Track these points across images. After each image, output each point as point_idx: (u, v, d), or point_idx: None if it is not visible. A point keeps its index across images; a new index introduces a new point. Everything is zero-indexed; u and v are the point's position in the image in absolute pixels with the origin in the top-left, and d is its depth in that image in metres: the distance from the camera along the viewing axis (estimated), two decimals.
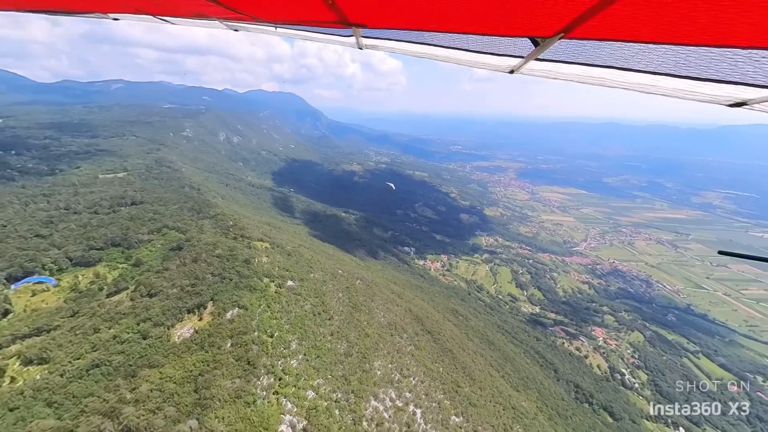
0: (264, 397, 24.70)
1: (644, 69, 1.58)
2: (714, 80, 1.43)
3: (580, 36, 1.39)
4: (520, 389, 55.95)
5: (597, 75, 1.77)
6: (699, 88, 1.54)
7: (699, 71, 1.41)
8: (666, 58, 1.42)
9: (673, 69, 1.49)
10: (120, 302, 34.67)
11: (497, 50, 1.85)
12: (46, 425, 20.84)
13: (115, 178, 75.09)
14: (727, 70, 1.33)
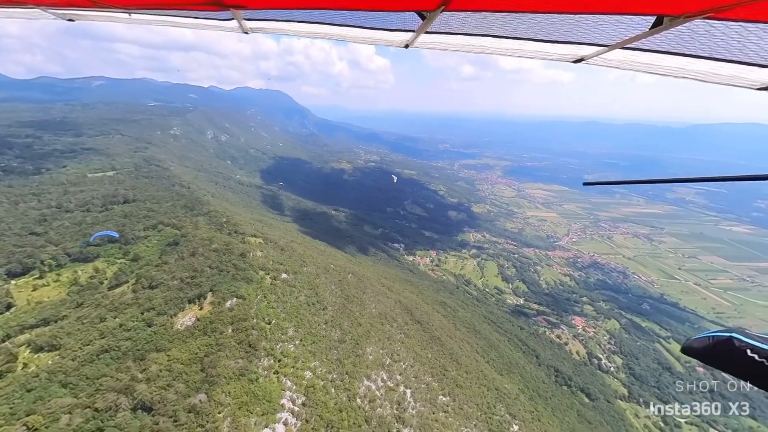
0: (266, 376, 26.81)
1: (512, 35, 1.81)
2: (561, 41, 1.79)
3: (459, 8, 1.53)
4: (503, 373, 59.53)
5: (477, 43, 1.94)
6: (552, 48, 1.86)
7: (550, 35, 1.73)
8: (527, 25, 1.66)
9: (532, 34, 1.77)
10: (123, 294, 35.90)
11: (390, 25, 1.91)
12: (63, 403, 22.35)
13: (105, 176, 74.77)
14: (570, 33, 1.68)
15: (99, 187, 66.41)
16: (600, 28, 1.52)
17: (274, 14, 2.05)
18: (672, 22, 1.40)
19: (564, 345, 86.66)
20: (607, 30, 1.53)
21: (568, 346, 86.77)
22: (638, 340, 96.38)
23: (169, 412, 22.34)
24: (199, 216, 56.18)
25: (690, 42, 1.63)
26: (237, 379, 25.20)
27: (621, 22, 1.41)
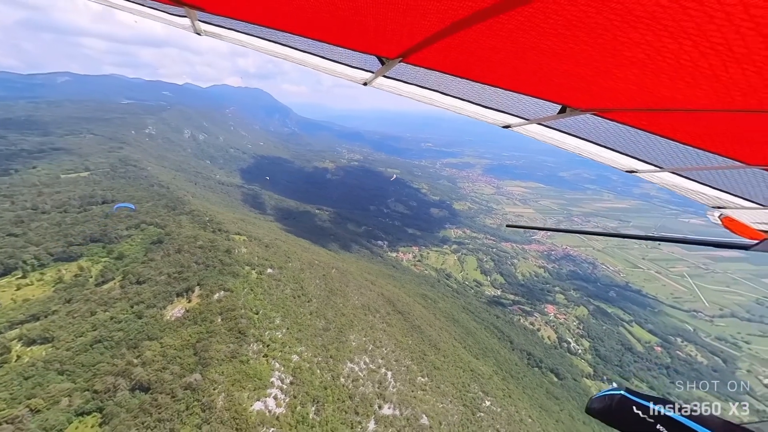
0: (255, 358, 28.86)
1: (456, 95, 2.09)
2: (494, 109, 2.12)
3: (414, 62, 1.71)
4: (479, 357, 63.81)
5: (428, 96, 2.16)
6: (487, 113, 2.18)
7: (486, 102, 2.06)
8: (469, 90, 1.95)
9: (472, 98, 2.09)
10: (111, 289, 36.60)
11: (351, 62, 1.98)
12: (62, 387, 23.52)
13: (79, 177, 72.99)
14: (500, 103, 2.01)
15: (74, 188, 65.11)
16: (524, 105, 1.90)
17: (232, 23, 1.95)
18: (572, 111, 1.81)
19: (537, 331, 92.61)
20: (529, 107, 1.92)
21: (541, 332, 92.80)
22: (604, 324, 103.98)
23: (167, 390, 24.06)
24: (182, 215, 56.69)
25: (584, 129, 2.12)
26: (229, 361, 27.11)
27: (538, 104, 1.84)
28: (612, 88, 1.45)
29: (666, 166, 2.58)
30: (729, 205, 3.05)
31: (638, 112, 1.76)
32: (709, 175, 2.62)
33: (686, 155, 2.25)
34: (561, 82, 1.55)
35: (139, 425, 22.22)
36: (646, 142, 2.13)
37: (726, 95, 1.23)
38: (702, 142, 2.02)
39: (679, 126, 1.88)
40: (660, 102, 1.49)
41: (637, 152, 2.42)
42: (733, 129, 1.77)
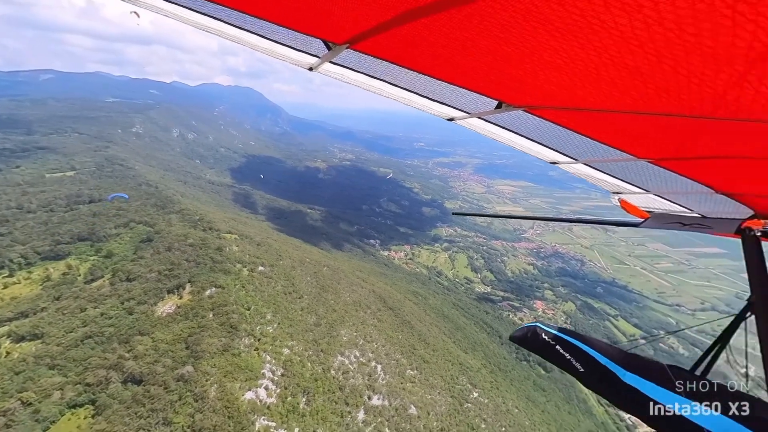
0: (247, 352, 29.41)
1: (404, 86, 2.09)
2: (439, 101, 2.16)
3: (362, 50, 1.67)
4: (468, 351, 65.24)
5: (376, 86, 2.14)
6: (433, 105, 2.23)
7: (433, 95, 2.11)
8: (416, 82, 1.97)
9: (419, 90, 2.11)
10: (101, 287, 36.54)
11: (296, 45, 1.89)
12: (53, 381, 23.70)
13: (64, 177, 71.90)
14: (445, 97, 2.10)
15: (60, 187, 64.21)
16: (466, 99, 2.02)
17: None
18: (507, 107, 1.94)
19: None
20: (470, 102, 2.05)
21: None
22: (591, 318, 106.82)
23: (159, 382, 24.46)
24: (171, 214, 56.56)
25: (517, 124, 2.31)
26: (221, 354, 27.61)
27: (479, 99, 1.95)
28: (539, 87, 1.66)
29: (580, 159, 2.99)
30: (625, 190, 3.67)
31: (559, 111, 2.04)
32: (611, 167, 3.14)
33: (595, 149, 2.67)
34: (497, 79, 1.71)
35: (132, 415, 22.63)
36: (566, 138, 2.46)
37: (620, 99, 1.48)
38: (606, 138, 2.42)
39: (590, 124, 2.20)
40: (576, 102, 1.76)
41: (559, 146, 2.77)
42: (627, 128, 2.14)
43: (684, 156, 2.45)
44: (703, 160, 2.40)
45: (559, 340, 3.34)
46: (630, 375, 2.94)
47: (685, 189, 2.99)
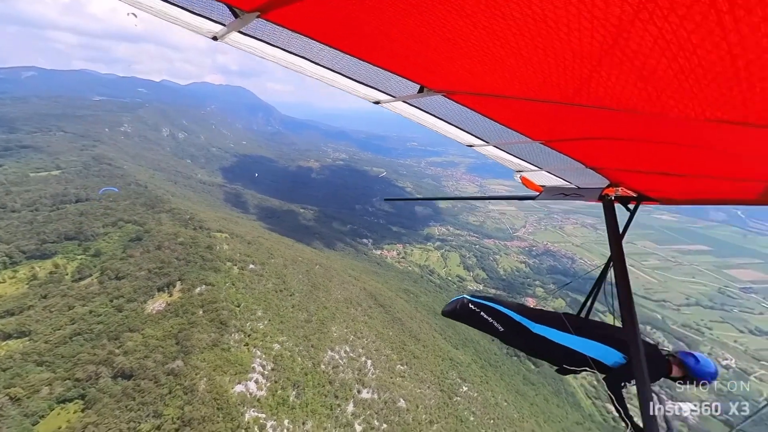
0: (237, 347, 29.72)
1: (326, 65, 1.98)
2: (364, 83, 2.11)
3: (276, 21, 1.48)
4: (459, 347, 66.27)
5: (295, 62, 1.96)
6: (358, 87, 2.16)
7: (357, 76, 2.04)
8: (340, 61, 1.86)
9: (343, 70, 2.00)
10: (89, 285, 36.31)
11: (194, 8, 1.64)
12: (42, 377, 23.68)
13: (50, 176, 70.68)
14: (370, 79, 2.04)
15: (45, 186, 63.20)
16: (391, 83, 2.02)
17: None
18: (428, 92, 1.99)
19: None
20: (395, 85, 2.06)
21: None
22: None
23: (149, 376, 24.64)
24: (161, 213, 56.25)
25: (438, 108, 2.40)
26: (210, 349, 27.87)
27: (403, 82, 1.97)
28: (455, 73, 1.71)
29: (491, 141, 3.21)
30: (525, 169, 4.06)
31: (473, 96, 2.12)
32: (514, 148, 3.48)
33: (502, 132, 2.91)
34: (419, 63, 1.71)
35: (122, 408, 22.81)
36: (479, 122, 2.61)
37: (518, 86, 1.63)
38: (510, 122, 2.56)
39: (497, 109, 2.35)
40: (485, 88, 1.86)
41: (474, 130, 2.94)
42: (525, 113, 2.34)
43: (564, 138, 2.83)
44: (577, 141, 2.79)
45: (483, 306, 3.78)
46: (538, 326, 3.56)
47: (566, 165, 3.45)
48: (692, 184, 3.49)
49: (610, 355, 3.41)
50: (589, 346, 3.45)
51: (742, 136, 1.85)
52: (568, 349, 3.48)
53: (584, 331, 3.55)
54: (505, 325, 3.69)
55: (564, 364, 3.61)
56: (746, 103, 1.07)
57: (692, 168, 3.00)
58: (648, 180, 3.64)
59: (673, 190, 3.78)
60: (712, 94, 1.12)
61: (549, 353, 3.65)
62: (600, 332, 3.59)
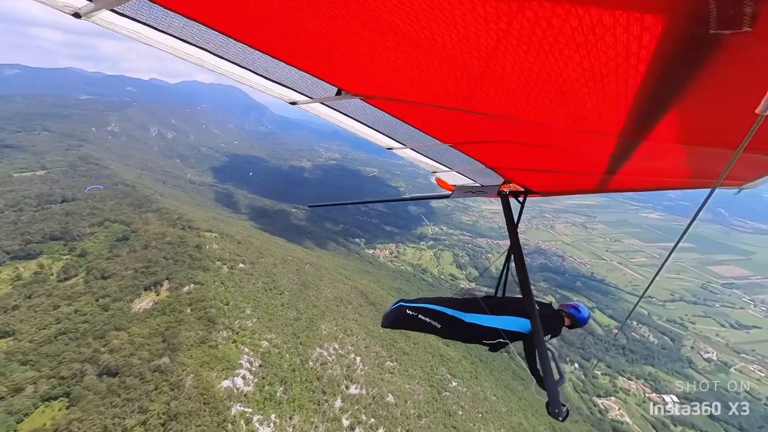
0: (225, 344, 29.92)
1: (234, 60, 1.76)
2: (279, 83, 1.99)
3: (162, 2, 1.24)
4: (449, 344, 67.09)
5: (193, 53, 1.69)
6: (272, 86, 2.03)
7: (271, 75, 1.90)
8: (249, 57, 1.70)
9: (255, 68, 1.82)
10: (75, 284, 35.99)
11: None
12: (26, 376, 23.57)
13: (34, 176, 69.40)
14: (288, 79, 1.94)
15: (30, 186, 62.10)
16: (308, 83, 1.94)
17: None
18: (345, 95, 1.97)
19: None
20: (312, 86, 1.99)
21: None
22: None
23: (135, 373, 24.71)
24: (149, 213, 55.83)
25: (357, 111, 2.43)
26: (198, 346, 28.03)
27: (320, 84, 1.92)
28: (370, 79, 1.77)
29: (408, 144, 3.34)
30: (439, 170, 4.47)
31: (389, 101, 2.20)
32: (429, 150, 3.75)
33: (417, 136, 2.98)
34: (336, 66, 1.72)
35: (107, 404, 22.86)
36: (397, 126, 2.71)
37: (426, 94, 1.76)
38: (423, 126, 2.73)
39: (412, 114, 2.47)
40: (399, 94, 1.96)
41: (392, 133, 3.01)
42: (435, 119, 2.52)
43: (467, 141, 3.14)
44: (477, 144, 3.20)
45: (420, 309, 4.00)
46: (469, 315, 3.93)
47: (471, 166, 3.91)
48: (558, 178, 4.21)
49: (525, 324, 3.88)
50: (510, 321, 3.92)
51: (584, 141, 2.46)
52: (495, 329, 3.89)
53: (503, 309, 4.01)
54: (441, 322, 3.94)
55: (494, 342, 4.01)
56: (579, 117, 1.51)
57: (557, 165, 3.57)
58: (530, 176, 4.23)
59: (547, 183, 4.45)
60: (561, 109, 1.54)
61: (481, 337, 4.00)
62: (514, 307, 4.06)
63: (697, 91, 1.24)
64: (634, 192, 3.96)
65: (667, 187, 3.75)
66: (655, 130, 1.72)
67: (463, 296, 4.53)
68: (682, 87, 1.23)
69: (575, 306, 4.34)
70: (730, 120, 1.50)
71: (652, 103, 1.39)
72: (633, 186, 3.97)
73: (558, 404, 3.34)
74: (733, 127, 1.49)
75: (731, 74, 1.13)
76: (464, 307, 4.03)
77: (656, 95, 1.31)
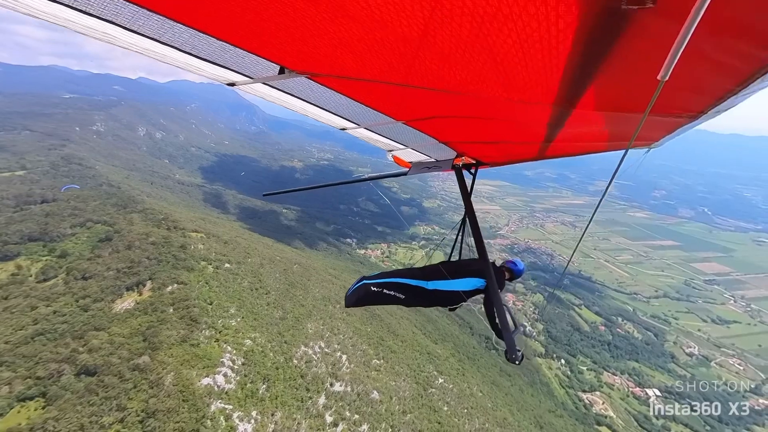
0: (207, 343, 29.95)
1: (158, 39, 1.51)
2: (213, 62, 1.81)
3: None
4: (438, 342, 67.81)
5: (98, 27, 1.39)
6: (205, 66, 1.85)
7: (203, 53, 1.68)
8: (179, 35, 1.48)
9: (182, 46, 1.61)
10: (54, 285, 35.47)
11: None
12: (2, 376, 23.26)
13: (13, 176, 67.82)
14: (221, 58, 1.75)
15: (8, 186, 60.73)
16: (245, 62, 1.79)
17: None
18: (289, 73, 1.85)
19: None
20: (250, 65, 1.84)
21: None
22: (557, 308, 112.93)
23: (114, 372, 24.61)
24: (133, 213, 55.17)
25: (305, 91, 2.30)
26: (179, 345, 28.01)
27: (260, 62, 1.77)
28: (317, 55, 1.68)
29: (362, 124, 3.30)
30: (395, 148, 4.55)
31: (338, 79, 2.11)
32: (383, 129, 3.61)
33: (370, 115, 2.92)
34: (276, 43, 1.60)
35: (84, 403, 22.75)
36: (349, 105, 2.62)
37: (375, 70, 1.76)
38: (376, 105, 2.69)
39: (363, 92, 2.42)
40: (348, 71, 1.90)
41: (344, 113, 2.92)
42: (386, 96, 2.50)
43: (419, 117, 3.17)
44: (428, 120, 3.25)
45: (383, 284, 4.18)
46: (431, 283, 4.21)
47: (425, 142, 4.06)
48: (504, 148, 4.62)
49: (480, 283, 4.28)
50: (468, 282, 4.27)
51: (524, 111, 2.62)
52: (455, 292, 4.23)
53: (461, 272, 4.33)
54: (405, 293, 4.15)
55: (455, 304, 4.41)
56: (517, 88, 1.65)
57: (502, 136, 3.87)
58: (480, 148, 4.56)
59: (496, 154, 4.76)
60: (499, 80, 1.65)
61: (443, 300, 4.31)
62: (471, 268, 4.40)
63: (615, 61, 1.39)
64: (567, 157, 4.27)
65: (593, 151, 3.96)
66: (583, 98, 1.90)
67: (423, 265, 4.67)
68: (603, 58, 1.38)
69: (513, 261, 4.83)
70: (639, 87, 1.68)
71: (579, 74, 1.55)
72: (567, 151, 4.14)
73: (514, 350, 3.73)
74: (641, 93, 1.67)
75: (640, 45, 1.27)
76: (425, 276, 4.28)
77: (582, 66, 1.47)
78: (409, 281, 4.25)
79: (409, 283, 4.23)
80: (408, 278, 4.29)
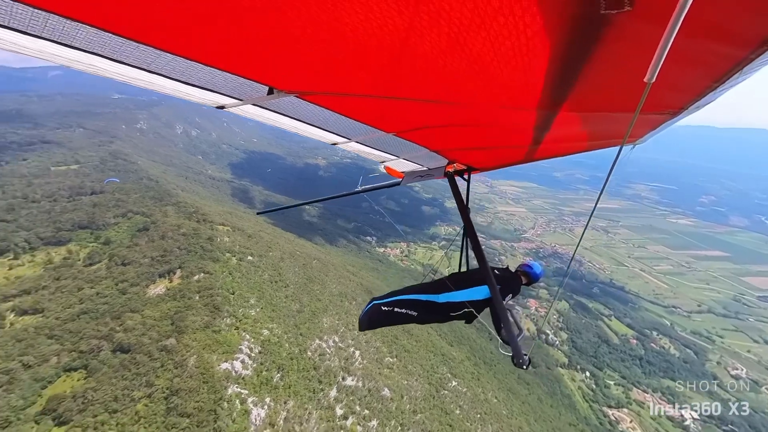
0: (227, 330, 31.85)
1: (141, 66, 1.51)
2: (201, 87, 1.82)
3: (29, 2, 0.96)
4: (453, 344, 66.99)
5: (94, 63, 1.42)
6: (193, 91, 1.85)
7: (189, 78, 1.70)
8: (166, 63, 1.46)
9: (170, 73, 1.61)
10: (98, 270, 39.35)
11: None
12: (51, 349, 26.43)
13: (69, 170, 75.23)
14: (209, 83, 1.75)
15: (64, 179, 67.42)
16: (233, 84, 1.80)
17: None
18: (278, 93, 1.87)
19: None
20: (240, 87, 1.83)
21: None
22: (584, 318, 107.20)
23: (145, 351, 27.09)
24: (168, 206, 59.38)
25: (294, 109, 2.32)
26: (202, 330, 30.12)
27: (248, 84, 1.79)
28: (303, 74, 1.74)
29: (353, 138, 3.38)
30: (387, 159, 4.57)
31: (326, 96, 2.17)
32: (374, 141, 3.68)
33: (361, 129, 2.97)
34: (262, 63, 1.65)
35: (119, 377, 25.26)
36: (339, 121, 2.69)
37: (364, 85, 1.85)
38: (365, 119, 2.77)
39: (352, 108, 2.50)
40: (335, 88, 1.99)
41: (334, 128, 2.99)
42: (375, 110, 2.60)
43: (409, 128, 3.24)
44: (418, 130, 3.34)
45: (394, 302, 4.13)
46: (441, 296, 4.17)
47: (416, 152, 4.12)
48: (494, 153, 4.68)
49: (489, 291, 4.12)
50: (477, 291, 4.20)
51: (511, 116, 2.76)
52: (468, 302, 4.09)
53: (469, 282, 4.26)
54: (417, 309, 4.07)
55: (470, 315, 4.27)
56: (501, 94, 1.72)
57: (491, 142, 3.97)
58: (471, 154, 4.60)
59: (486, 159, 4.82)
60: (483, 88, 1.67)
61: (457, 314, 4.17)
62: (477, 276, 4.32)
63: (597, 64, 1.43)
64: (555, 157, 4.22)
65: (580, 150, 3.96)
66: (567, 101, 1.96)
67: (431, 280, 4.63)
68: (584, 62, 1.42)
69: (529, 265, 4.84)
70: (626, 88, 1.74)
71: (562, 78, 1.60)
72: (555, 152, 4.15)
73: (521, 355, 3.60)
74: (626, 94, 1.76)
75: (622, 49, 1.31)
76: (434, 290, 4.17)
77: (564, 70, 1.51)
78: (419, 297, 4.17)
79: (419, 298, 4.15)
80: (418, 294, 4.26)
